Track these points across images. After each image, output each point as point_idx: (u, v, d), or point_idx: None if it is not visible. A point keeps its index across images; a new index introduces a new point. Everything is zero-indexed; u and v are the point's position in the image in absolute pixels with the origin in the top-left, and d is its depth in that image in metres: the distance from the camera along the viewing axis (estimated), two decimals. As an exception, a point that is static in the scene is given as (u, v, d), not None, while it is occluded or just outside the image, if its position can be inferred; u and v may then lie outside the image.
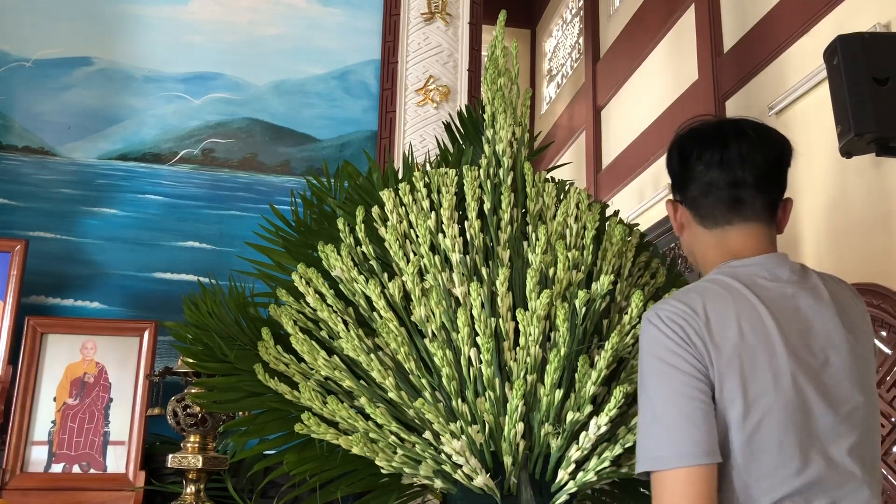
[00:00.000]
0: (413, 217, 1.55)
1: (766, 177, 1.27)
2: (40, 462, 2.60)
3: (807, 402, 1.15)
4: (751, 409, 1.12)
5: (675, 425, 1.11)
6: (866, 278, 2.91)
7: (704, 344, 1.15)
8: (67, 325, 2.82)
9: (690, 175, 1.30)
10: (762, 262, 1.26)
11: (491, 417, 1.36)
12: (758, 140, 1.27)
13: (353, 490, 1.53)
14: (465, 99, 3.40)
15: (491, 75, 1.67)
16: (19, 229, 3.04)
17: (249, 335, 1.64)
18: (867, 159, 2.81)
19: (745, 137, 1.27)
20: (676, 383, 1.14)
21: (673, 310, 1.18)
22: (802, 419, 1.14)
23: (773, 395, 1.13)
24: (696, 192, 1.30)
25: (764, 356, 1.15)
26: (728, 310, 1.18)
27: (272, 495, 2.42)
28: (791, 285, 1.24)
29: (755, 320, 1.18)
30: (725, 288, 1.22)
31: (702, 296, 1.21)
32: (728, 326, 1.16)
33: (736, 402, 1.12)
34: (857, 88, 2.20)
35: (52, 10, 3.36)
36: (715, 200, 1.28)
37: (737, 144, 1.26)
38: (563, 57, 7.83)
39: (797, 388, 1.14)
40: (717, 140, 1.28)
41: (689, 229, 1.35)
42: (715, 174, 1.27)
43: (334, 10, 3.64)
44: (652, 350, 1.18)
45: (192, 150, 3.36)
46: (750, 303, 1.19)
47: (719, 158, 1.26)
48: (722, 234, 1.29)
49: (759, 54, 4.00)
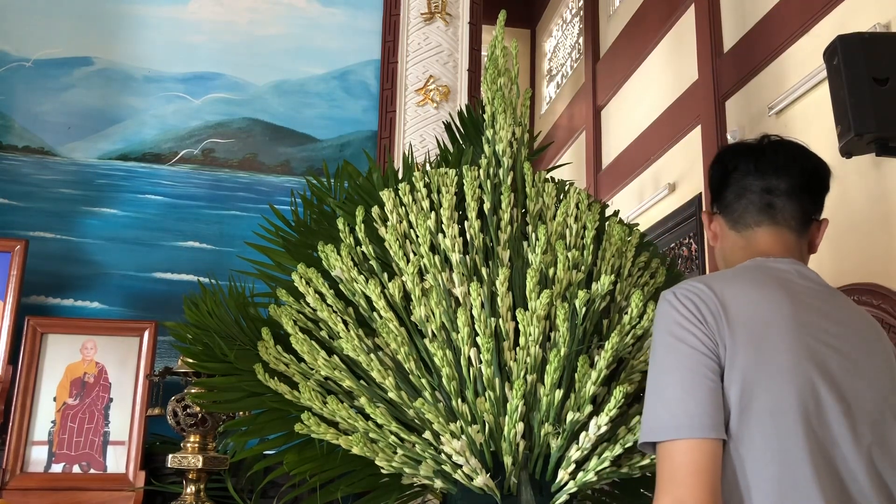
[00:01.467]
0: (413, 217, 1.55)
1: (800, 187, 1.32)
2: (40, 462, 2.60)
3: (818, 393, 1.13)
4: (755, 390, 1.11)
5: (675, 397, 1.11)
6: (866, 278, 2.91)
7: (717, 321, 1.15)
8: (67, 325, 2.82)
9: (727, 182, 1.35)
10: (790, 263, 1.28)
11: (491, 417, 1.36)
12: (796, 152, 1.33)
13: (353, 490, 1.53)
14: (465, 99, 3.40)
15: (491, 75, 1.67)
16: (19, 229, 3.04)
17: (249, 335, 1.64)
18: (867, 159, 2.81)
19: (783, 149, 1.33)
20: (682, 357, 1.14)
21: (690, 288, 1.20)
22: (813, 407, 1.12)
23: (785, 378, 1.12)
24: (731, 197, 1.34)
25: (779, 341, 1.15)
26: (748, 292, 1.19)
27: (272, 495, 2.42)
28: (819, 286, 1.25)
29: (775, 306, 1.18)
30: (749, 273, 1.24)
31: (721, 278, 1.23)
32: (743, 306, 1.17)
33: (740, 380, 1.12)
34: (857, 88, 2.20)
35: (52, 10, 3.36)
36: (747, 203, 1.32)
37: (773, 154, 1.32)
38: (563, 57, 7.83)
39: (808, 376, 1.13)
40: (755, 150, 1.34)
41: (722, 237, 1.38)
42: (750, 180, 1.32)
43: (334, 10, 3.65)
44: (663, 325, 1.18)
45: (192, 150, 3.36)
46: (772, 289, 1.20)
47: (755, 165, 1.32)
48: (751, 236, 1.32)
49: (759, 54, 4.00)
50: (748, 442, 1.11)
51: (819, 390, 1.13)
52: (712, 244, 1.43)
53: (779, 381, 1.12)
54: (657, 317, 1.21)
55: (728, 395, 1.12)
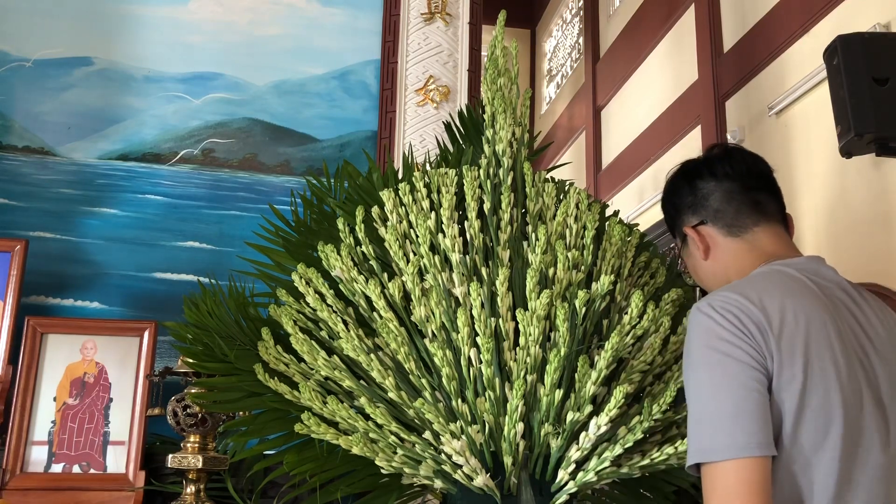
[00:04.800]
0: (413, 217, 1.55)
1: (771, 184, 1.34)
2: (40, 462, 2.60)
3: (862, 399, 1.13)
4: (807, 400, 1.10)
5: (729, 415, 1.08)
6: (866, 278, 2.90)
7: (762, 332, 1.12)
8: (67, 325, 2.82)
9: (705, 192, 1.35)
10: (806, 262, 1.26)
11: (491, 417, 1.36)
12: (748, 154, 1.36)
13: (353, 490, 1.53)
14: (465, 99, 3.40)
15: (491, 75, 1.67)
16: (19, 229, 3.04)
17: (249, 335, 1.64)
18: (867, 159, 2.81)
19: (737, 153, 1.36)
20: (732, 373, 1.10)
21: (727, 299, 1.16)
22: (855, 413, 1.11)
23: (832, 385, 1.11)
24: (718, 204, 1.33)
25: (825, 347, 1.13)
26: (784, 299, 1.16)
27: (272, 495, 2.42)
28: (842, 286, 1.25)
29: (811, 310, 1.15)
30: (776, 280, 1.21)
31: (755, 285, 1.19)
32: (785, 314, 1.14)
33: (793, 393, 1.10)
34: (857, 88, 2.20)
35: (52, 10, 3.36)
36: (739, 205, 1.32)
37: (740, 158, 1.34)
38: (563, 57, 7.83)
39: (855, 386, 1.12)
40: (716, 160, 1.36)
41: (717, 248, 1.35)
42: (729, 184, 1.32)
43: (334, 10, 3.65)
44: (704, 340, 1.13)
45: (192, 150, 3.36)
46: (805, 293, 1.18)
47: (729, 170, 1.32)
48: (752, 238, 1.31)
49: (759, 54, 4.00)
50: (797, 455, 1.10)
51: (864, 399, 1.13)
52: (703, 260, 1.37)
53: (827, 393, 1.10)
54: (695, 332, 1.16)
55: (782, 407, 1.10)
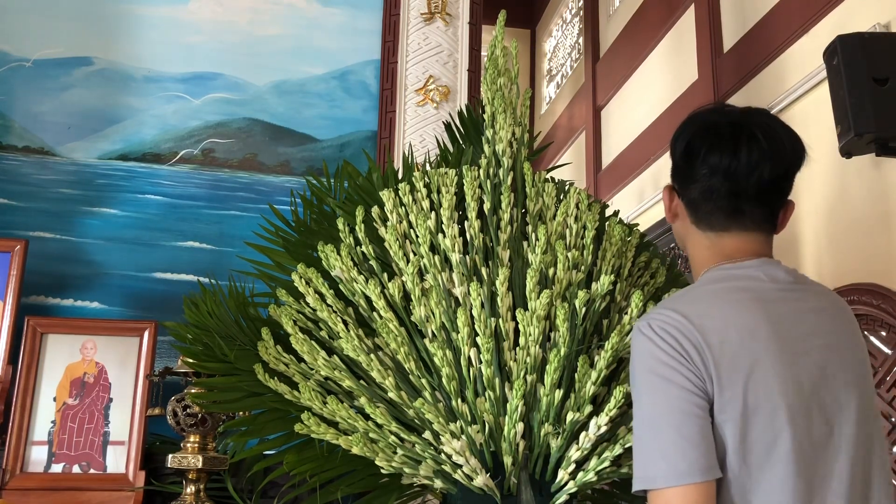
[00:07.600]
0: (413, 217, 1.55)
1: (770, 190, 1.23)
2: (40, 462, 2.60)
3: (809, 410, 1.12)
4: (750, 419, 1.09)
5: (671, 442, 1.08)
6: (866, 278, 2.90)
7: (701, 354, 1.11)
8: (67, 325, 2.82)
9: (693, 175, 1.25)
10: (758, 264, 1.23)
11: (491, 417, 1.36)
12: (768, 151, 1.21)
13: (353, 490, 1.53)
14: (465, 99, 3.40)
15: (491, 75, 1.67)
16: (19, 229, 3.04)
17: (249, 335, 1.64)
18: (867, 159, 2.81)
19: (755, 145, 1.21)
20: (672, 398, 1.10)
21: (666, 319, 1.14)
22: (804, 425, 1.11)
23: (774, 403, 1.10)
24: (696, 195, 1.26)
25: (765, 363, 1.12)
26: (725, 316, 1.14)
27: (272, 495, 2.42)
28: (789, 288, 1.22)
29: (753, 325, 1.14)
30: (721, 292, 1.19)
31: (695, 303, 1.18)
32: (725, 333, 1.12)
33: (735, 413, 1.09)
34: (857, 88, 2.20)
35: (52, 10, 3.36)
36: (714, 207, 1.24)
37: (747, 153, 1.21)
38: (563, 57, 7.83)
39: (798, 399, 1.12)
40: (725, 144, 1.23)
41: (683, 222, 1.31)
42: (718, 181, 1.22)
43: (334, 10, 3.65)
44: (645, 363, 1.13)
45: (192, 150, 3.36)
46: (747, 307, 1.16)
47: (726, 166, 1.21)
48: (717, 239, 1.26)
49: (759, 54, 3.99)
50: (745, 476, 1.09)
51: (812, 409, 1.12)
52: (668, 221, 1.35)
53: (771, 410, 1.10)
54: (636, 353, 1.15)
55: (723, 430, 1.10)
